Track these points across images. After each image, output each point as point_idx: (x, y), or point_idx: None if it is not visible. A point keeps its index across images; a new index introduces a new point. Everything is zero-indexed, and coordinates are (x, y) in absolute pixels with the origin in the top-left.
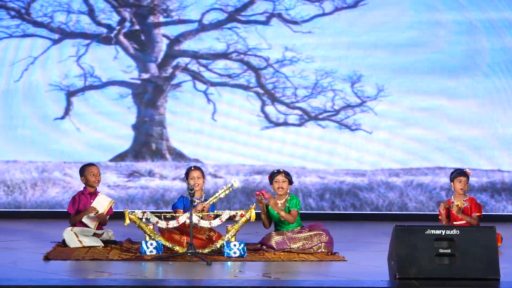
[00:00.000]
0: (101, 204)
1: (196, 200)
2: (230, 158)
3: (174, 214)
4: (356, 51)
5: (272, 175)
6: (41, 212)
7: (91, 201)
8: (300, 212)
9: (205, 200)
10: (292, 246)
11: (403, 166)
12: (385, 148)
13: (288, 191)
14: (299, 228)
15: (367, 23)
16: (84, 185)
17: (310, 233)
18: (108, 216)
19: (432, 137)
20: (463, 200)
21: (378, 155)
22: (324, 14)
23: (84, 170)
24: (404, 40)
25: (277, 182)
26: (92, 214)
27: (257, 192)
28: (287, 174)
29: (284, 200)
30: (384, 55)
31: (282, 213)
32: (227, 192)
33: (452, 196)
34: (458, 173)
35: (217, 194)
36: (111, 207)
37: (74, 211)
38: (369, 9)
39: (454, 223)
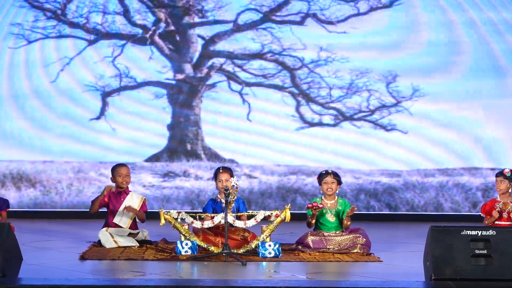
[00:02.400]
0: (133, 202)
1: (222, 201)
2: (265, 158)
3: (203, 216)
4: (392, 51)
5: (321, 176)
6: (76, 212)
7: (122, 200)
8: None
9: (236, 200)
10: (328, 247)
11: (439, 166)
12: (420, 148)
13: (337, 192)
14: (339, 231)
15: (402, 23)
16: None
17: (349, 236)
18: (144, 214)
19: (468, 137)
20: (510, 201)
21: (414, 155)
22: (359, 14)
23: (113, 170)
24: (439, 40)
25: (326, 183)
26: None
27: (309, 206)
28: (335, 175)
29: (334, 201)
30: (420, 55)
31: (349, 223)
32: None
33: (497, 196)
34: (498, 173)
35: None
36: (143, 203)
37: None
38: (405, 8)
39: (496, 223)
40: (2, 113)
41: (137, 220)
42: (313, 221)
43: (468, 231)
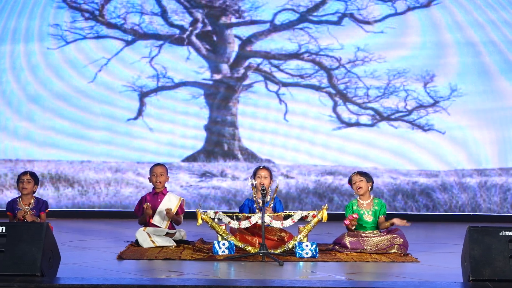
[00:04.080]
0: (171, 203)
1: (259, 201)
2: (302, 158)
3: (240, 216)
4: (429, 50)
5: (350, 178)
6: (114, 212)
7: (159, 200)
8: None
9: (274, 201)
10: (365, 247)
11: (477, 166)
12: (458, 149)
13: (372, 191)
14: (376, 231)
15: (440, 23)
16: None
17: (386, 236)
18: (182, 215)
19: (505, 137)
20: None
21: (451, 156)
22: (396, 14)
23: (150, 170)
24: (477, 39)
25: (355, 183)
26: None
27: (346, 222)
28: (362, 174)
29: (369, 200)
30: (457, 54)
31: (387, 223)
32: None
33: None
34: None
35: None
36: (181, 205)
37: (141, 212)
38: (442, 8)
39: None
40: (40, 114)
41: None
42: (353, 228)
43: (507, 232)
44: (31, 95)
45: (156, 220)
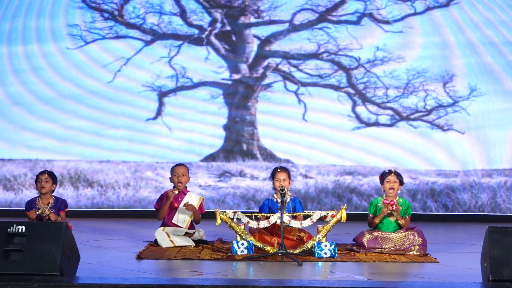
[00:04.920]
0: (191, 202)
1: (279, 201)
2: (321, 158)
3: (258, 216)
4: (449, 50)
5: (383, 175)
6: (133, 211)
7: (179, 200)
8: None
9: (292, 200)
10: (384, 246)
11: (496, 166)
12: (477, 149)
13: (399, 191)
14: (397, 231)
15: (459, 22)
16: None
17: (404, 233)
18: (200, 215)
19: None
20: None
21: (471, 156)
22: (415, 14)
23: (171, 170)
24: (497, 39)
25: (389, 182)
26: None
27: (386, 202)
28: (398, 175)
29: (395, 200)
30: (477, 54)
31: (402, 221)
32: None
33: None
34: None
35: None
36: (201, 204)
37: (161, 205)
38: (462, 8)
39: None
40: (59, 113)
41: (192, 220)
42: (378, 220)
43: None
44: (51, 95)
45: (176, 219)
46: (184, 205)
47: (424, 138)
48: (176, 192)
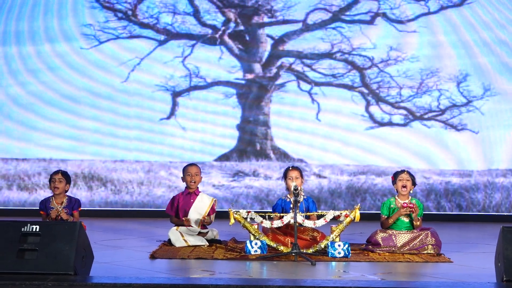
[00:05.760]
0: (203, 203)
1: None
2: (335, 158)
3: (272, 215)
4: (462, 50)
5: (396, 174)
6: (147, 211)
7: (191, 201)
8: None
9: (305, 200)
10: (397, 244)
11: (511, 166)
12: (491, 148)
13: (411, 191)
14: (410, 231)
15: (473, 22)
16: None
17: (418, 233)
18: (213, 216)
19: None
20: None
21: (485, 155)
22: (429, 13)
23: (183, 170)
24: (511, 38)
25: (401, 181)
26: (192, 226)
27: (404, 205)
28: (410, 174)
29: (407, 201)
30: (491, 53)
31: (418, 222)
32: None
33: None
34: None
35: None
36: (213, 205)
37: (173, 212)
38: (476, 7)
39: None
40: (73, 113)
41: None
42: (392, 221)
43: None
44: (65, 94)
45: (188, 220)
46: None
47: (437, 138)
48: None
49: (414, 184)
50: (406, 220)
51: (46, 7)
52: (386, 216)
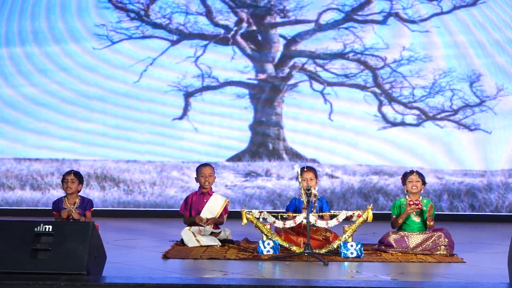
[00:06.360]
0: (216, 203)
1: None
2: (347, 158)
3: (285, 215)
4: (475, 50)
5: (406, 175)
6: (159, 211)
7: (205, 201)
8: None
9: (319, 200)
10: (410, 245)
11: None
12: (504, 149)
13: (422, 191)
14: (423, 232)
15: (486, 22)
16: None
17: (429, 234)
18: (225, 216)
19: None
20: None
21: (498, 156)
22: (442, 13)
23: (197, 170)
24: None
25: (411, 182)
26: (205, 225)
27: (411, 203)
28: (420, 175)
29: (419, 200)
30: (504, 53)
31: (432, 223)
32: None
33: None
34: None
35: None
36: (226, 206)
37: (187, 212)
38: (489, 7)
39: None
40: (86, 113)
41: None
42: (401, 221)
43: None
44: (77, 95)
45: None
46: (205, 219)
47: (450, 138)
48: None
49: (424, 183)
50: (417, 220)
51: (58, 8)
52: (396, 216)
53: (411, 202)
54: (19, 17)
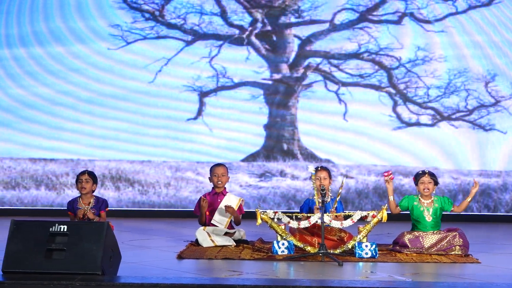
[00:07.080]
0: (230, 203)
1: (318, 202)
2: (362, 158)
3: (299, 216)
4: (490, 50)
5: (417, 176)
6: (174, 211)
7: (219, 201)
8: None
9: (332, 200)
10: (425, 245)
11: None
12: None
13: (434, 192)
14: (436, 231)
15: (501, 21)
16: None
17: (445, 234)
18: (240, 216)
19: None
20: None
21: None
22: (457, 13)
23: (210, 170)
24: None
25: (423, 183)
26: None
27: (385, 174)
28: (432, 175)
29: (430, 200)
30: None
31: (469, 200)
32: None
33: None
34: None
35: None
36: (241, 205)
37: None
38: (504, 7)
39: None
40: (100, 113)
41: (232, 221)
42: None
43: None
44: (92, 95)
45: (215, 219)
46: (225, 206)
47: (465, 138)
48: (206, 206)
49: (436, 183)
50: (429, 220)
51: (74, 8)
52: (397, 205)
53: (385, 174)
54: (35, 17)
